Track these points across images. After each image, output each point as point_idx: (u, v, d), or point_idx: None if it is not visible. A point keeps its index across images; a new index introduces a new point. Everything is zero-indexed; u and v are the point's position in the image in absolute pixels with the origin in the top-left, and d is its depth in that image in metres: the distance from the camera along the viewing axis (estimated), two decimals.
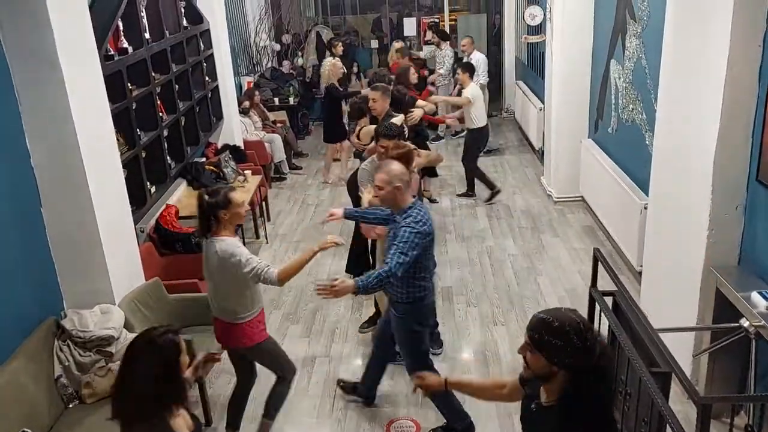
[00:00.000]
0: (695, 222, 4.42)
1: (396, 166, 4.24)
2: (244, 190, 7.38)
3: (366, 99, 6.93)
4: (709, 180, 4.23)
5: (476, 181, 8.95)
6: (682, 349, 4.35)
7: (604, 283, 4.44)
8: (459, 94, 9.03)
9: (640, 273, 5.87)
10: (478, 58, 10.80)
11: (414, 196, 4.55)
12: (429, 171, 8.11)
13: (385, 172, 4.18)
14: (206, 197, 4.05)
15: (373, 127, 6.26)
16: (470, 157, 8.84)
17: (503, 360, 5.43)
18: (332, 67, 9.51)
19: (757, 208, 4.16)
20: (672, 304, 4.83)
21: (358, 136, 6.78)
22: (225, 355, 4.37)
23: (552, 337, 2.42)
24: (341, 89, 9.72)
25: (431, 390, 3.58)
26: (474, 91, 8.57)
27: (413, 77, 8.57)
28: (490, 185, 8.87)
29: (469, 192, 8.98)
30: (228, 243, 4.03)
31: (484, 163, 10.30)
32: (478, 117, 8.64)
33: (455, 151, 10.72)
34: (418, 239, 4.06)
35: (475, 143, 8.85)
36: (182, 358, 2.86)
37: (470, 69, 8.82)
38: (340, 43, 11.48)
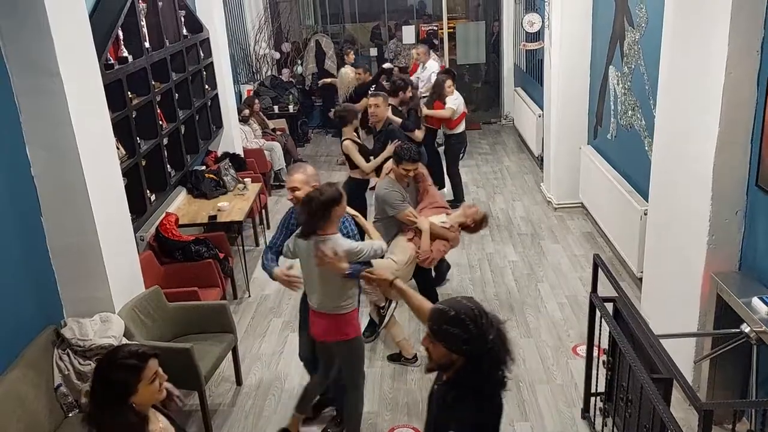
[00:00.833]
0: (695, 227, 4.43)
1: (311, 168, 4.43)
2: (243, 198, 7.38)
3: (347, 109, 7.09)
4: (709, 185, 4.23)
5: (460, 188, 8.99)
6: (683, 355, 4.35)
7: (605, 289, 4.43)
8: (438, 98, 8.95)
9: (640, 279, 5.87)
10: (430, 66, 10.85)
11: None
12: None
13: (301, 172, 4.33)
14: (320, 195, 4.02)
15: (353, 147, 6.48)
16: (450, 160, 8.85)
17: None
18: (354, 74, 9.63)
19: (757, 213, 4.17)
20: (673, 310, 4.83)
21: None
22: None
23: (449, 326, 2.57)
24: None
25: (377, 282, 3.82)
26: (456, 98, 8.59)
27: (449, 89, 8.60)
28: (460, 196, 8.92)
29: (456, 201, 8.95)
30: (339, 240, 4.10)
31: (483, 170, 10.34)
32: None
33: None
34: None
35: (456, 149, 8.85)
36: (141, 387, 2.70)
37: (452, 76, 8.83)
38: (351, 51, 11.51)
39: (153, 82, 6.44)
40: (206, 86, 8.32)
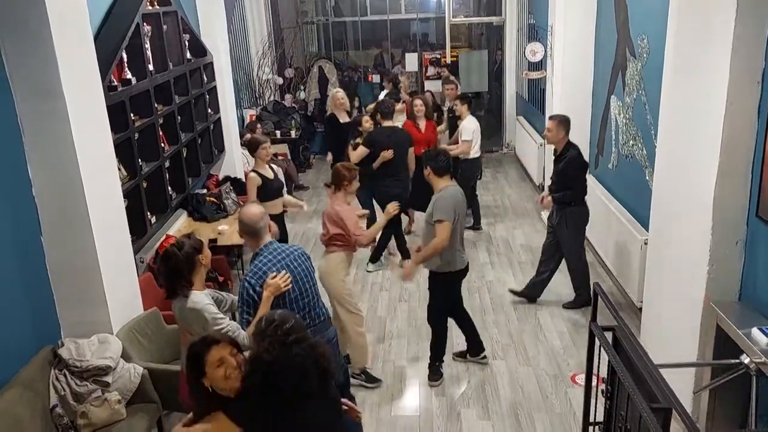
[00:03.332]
0: (695, 258, 4.42)
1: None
2: None
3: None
4: (709, 215, 4.23)
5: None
6: (682, 385, 4.32)
7: (604, 318, 4.41)
8: (454, 122, 9.04)
9: (640, 309, 5.85)
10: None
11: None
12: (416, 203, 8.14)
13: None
14: (177, 250, 3.83)
15: (256, 181, 6.46)
16: (466, 186, 8.85)
17: (502, 394, 5.39)
18: (332, 98, 9.55)
19: (758, 243, 4.16)
20: (672, 340, 4.81)
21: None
22: None
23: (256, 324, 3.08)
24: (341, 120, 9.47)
25: None
26: (472, 123, 8.58)
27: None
28: (477, 221, 9.04)
29: (475, 225, 8.99)
30: (199, 299, 3.87)
31: (484, 198, 10.34)
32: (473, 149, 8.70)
33: None
34: None
35: (471, 174, 8.82)
36: (208, 370, 3.01)
37: (468, 101, 8.83)
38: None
39: (156, 105, 6.47)
40: (209, 110, 8.37)
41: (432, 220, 5.21)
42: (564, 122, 6.39)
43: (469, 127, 8.45)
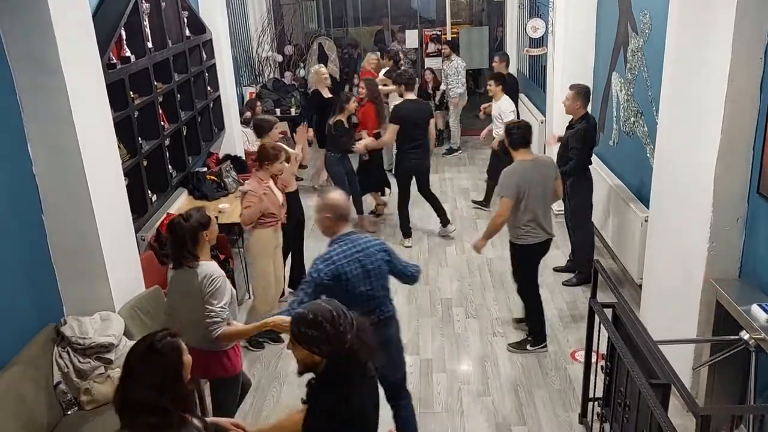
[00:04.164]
0: (696, 234, 4.43)
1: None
2: None
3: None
4: (710, 192, 4.24)
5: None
6: (681, 361, 4.35)
7: (605, 295, 4.44)
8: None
9: (640, 286, 5.87)
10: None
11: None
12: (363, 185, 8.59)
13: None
14: (183, 221, 3.87)
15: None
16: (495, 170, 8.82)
17: (502, 371, 5.42)
18: (315, 73, 9.60)
19: (758, 220, 4.17)
20: (672, 317, 4.83)
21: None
22: None
23: (308, 328, 2.78)
24: (324, 95, 9.59)
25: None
26: (510, 104, 8.53)
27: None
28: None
29: (484, 203, 9.02)
30: (209, 268, 3.92)
31: (485, 176, 10.32)
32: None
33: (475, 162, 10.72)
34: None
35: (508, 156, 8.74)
36: (185, 358, 2.80)
37: (503, 81, 8.74)
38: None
39: (155, 83, 6.44)
40: (208, 88, 8.33)
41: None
42: (582, 93, 6.40)
43: (507, 107, 8.45)
